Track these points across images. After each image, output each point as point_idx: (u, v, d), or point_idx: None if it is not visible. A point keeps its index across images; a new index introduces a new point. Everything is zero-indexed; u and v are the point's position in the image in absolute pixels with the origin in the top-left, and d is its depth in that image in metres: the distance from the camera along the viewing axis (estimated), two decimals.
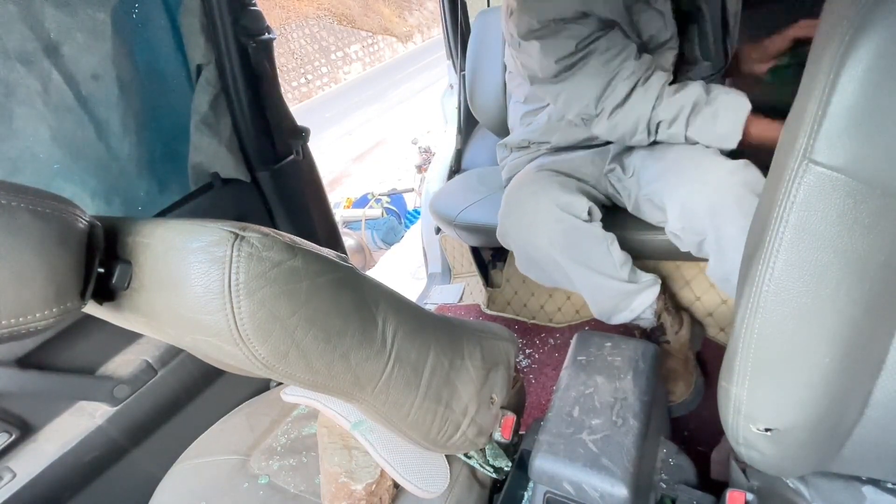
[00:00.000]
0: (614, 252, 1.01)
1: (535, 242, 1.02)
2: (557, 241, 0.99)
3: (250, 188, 1.11)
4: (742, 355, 0.43)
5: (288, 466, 0.75)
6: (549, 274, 1.10)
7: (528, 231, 1.02)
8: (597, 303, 1.08)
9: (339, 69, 3.68)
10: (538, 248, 1.02)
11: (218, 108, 1.01)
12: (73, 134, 0.87)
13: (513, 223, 1.06)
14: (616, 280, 1.03)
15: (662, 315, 1.10)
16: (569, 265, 1.01)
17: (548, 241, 0.99)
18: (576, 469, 0.61)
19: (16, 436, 0.79)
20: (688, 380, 1.09)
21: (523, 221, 1.03)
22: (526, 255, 1.08)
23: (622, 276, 1.03)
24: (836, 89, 0.32)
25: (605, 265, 1.01)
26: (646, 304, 1.05)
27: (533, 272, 1.13)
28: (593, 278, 1.02)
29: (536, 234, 1.01)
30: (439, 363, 0.59)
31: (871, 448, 0.46)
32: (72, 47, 0.83)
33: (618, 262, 1.02)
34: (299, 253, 0.44)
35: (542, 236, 1.00)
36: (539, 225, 1.00)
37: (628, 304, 1.06)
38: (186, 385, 0.97)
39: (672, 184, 0.94)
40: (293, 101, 7.84)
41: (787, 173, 0.36)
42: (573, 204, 0.98)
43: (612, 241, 1.01)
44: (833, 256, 0.36)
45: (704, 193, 0.88)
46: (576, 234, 0.98)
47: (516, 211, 1.04)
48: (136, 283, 0.43)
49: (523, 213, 1.03)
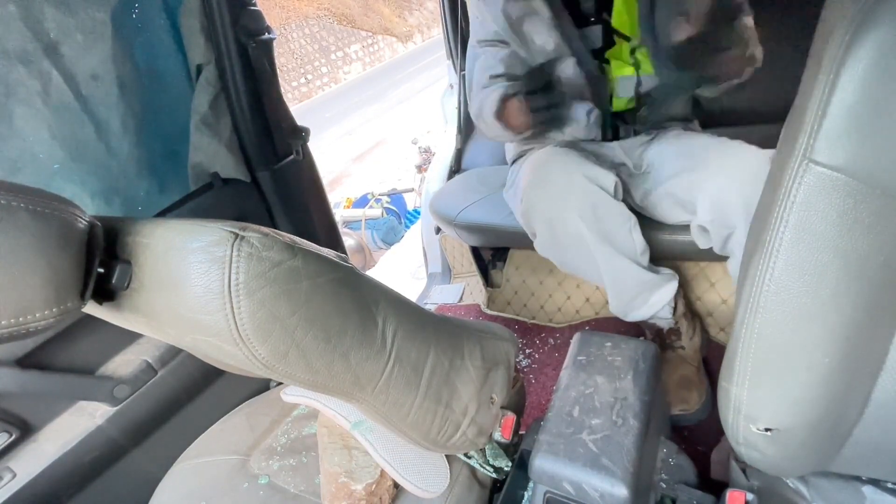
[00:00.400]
0: (636, 236, 0.99)
1: (564, 216, 0.98)
2: (587, 214, 0.96)
3: (250, 188, 1.11)
4: (742, 355, 0.43)
5: (288, 466, 0.75)
6: (570, 256, 1.06)
7: (558, 203, 0.98)
8: (617, 291, 1.05)
9: (339, 69, 3.69)
10: (566, 223, 0.99)
11: (218, 107, 1.01)
12: (72, 134, 0.87)
13: (540, 196, 1.01)
14: (638, 266, 1.01)
15: (681, 320, 1.09)
16: (595, 242, 0.98)
17: (578, 214, 0.96)
18: (576, 469, 0.61)
19: (16, 436, 0.79)
20: (700, 389, 1.07)
21: (552, 193, 0.99)
22: (551, 231, 1.03)
23: (643, 263, 1.01)
24: (837, 89, 0.32)
25: (628, 247, 1.00)
26: (664, 300, 1.04)
27: (554, 253, 1.08)
28: (617, 260, 1.00)
29: (566, 206, 0.97)
30: (439, 363, 0.59)
31: (871, 448, 0.46)
32: (71, 47, 0.83)
33: (639, 248, 1.00)
34: (299, 253, 0.44)
35: (571, 209, 0.96)
36: (569, 197, 0.96)
37: (647, 298, 1.04)
38: (186, 385, 0.97)
39: (702, 177, 0.93)
40: (293, 100, 7.84)
41: (787, 173, 0.36)
42: (601, 176, 0.96)
43: (635, 223, 0.99)
44: (833, 256, 0.36)
45: (737, 186, 0.87)
46: (604, 209, 0.96)
47: (544, 182, 1.00)
48: (135, 283, 0.43)
49: (553, 184, 0.99)
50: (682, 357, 1.10)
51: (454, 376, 0.61)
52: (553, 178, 0.99)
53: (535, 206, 1.03)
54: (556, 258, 1.10)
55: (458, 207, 1.42)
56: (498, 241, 1.45)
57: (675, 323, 1.09)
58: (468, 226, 1.38)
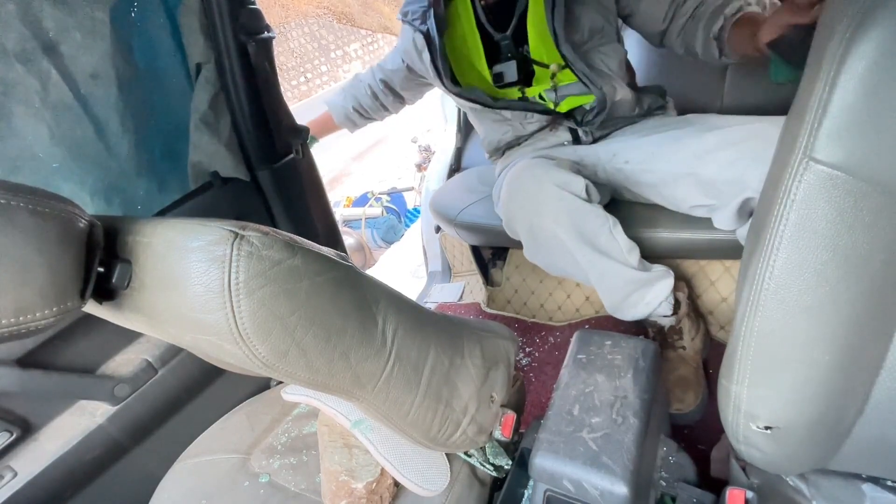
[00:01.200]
0: (618, 236, 1.01)
1: (541, 223, 1.02)
2: (562, 220, 0.99)
3: (250, 187, 1.10)
4: (742, 354, 0.43)
5: (288, 465, 0.75)
6: (556, 260, 1.09)
7: (533, 212, 1.03)
8: (608, 292, 1.06)
9: (339, 68, 3.66)
10: (544, 229, 1.03)
11: (217, 106, 1.01)
12: (72, 133, 0.86)
13: (517, 207, 1.06)
14: (625, 266, 1.01)
15: (683, 320, 1.09)
16: (575, 246, 1.01)
17: (553, 220, 1.00)
18: (576, 467, 0.61)
19: (17, 435, 0.79)
20: (697, 390, 1.07)
21: (527, 204, 1.03)
22: (533, 239, 1.08)
23: (631, 263, 1.02)
24: (837, 87, 0.32)
25: (612, 249, 1.01)
26: (660, 297, 1.04)
27: (541, 258, 1.12)
28: (601, 262, 1.01)
29: (541, 214, 1.01)
30: (439, 362, 0.59)
31: (870, 446, 0.46)
32: (70, 46, 0.82)
33: (624, 248, 1.01)
34: (299, 252, 0.44)
35: (546, 216, 1.01)
36: (543, 205, 1.00)
37: (642, 296, 1.04)
38: (187, 384, 0.97)
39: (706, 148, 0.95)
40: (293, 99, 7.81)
41: (786, 171, 0.36)
42: (570, 182, 0.99)
43: (615, 223, 1.01)
44: (833, 255, 0.36)
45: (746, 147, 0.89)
46: (578, 213, 0.99)
47: (519, 194, 1.05)
48: (136, 282, 0.43)
49: (526, 195, 1.03)
50: (681, 357, 1.10)
51: (454, 375, 0.61)
52: (525, 188, 1.04)
53: (514, 218, 1.09)
54: (544, 264, 1.14)
55: (458, 206, 1.42)
56: (498, 241, 1.45)
57: (678, 322, 1.09)
58: (468, 225, 1.38)
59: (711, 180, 0.94)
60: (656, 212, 1.11)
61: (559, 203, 0.99)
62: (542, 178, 1.01)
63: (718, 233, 1.03)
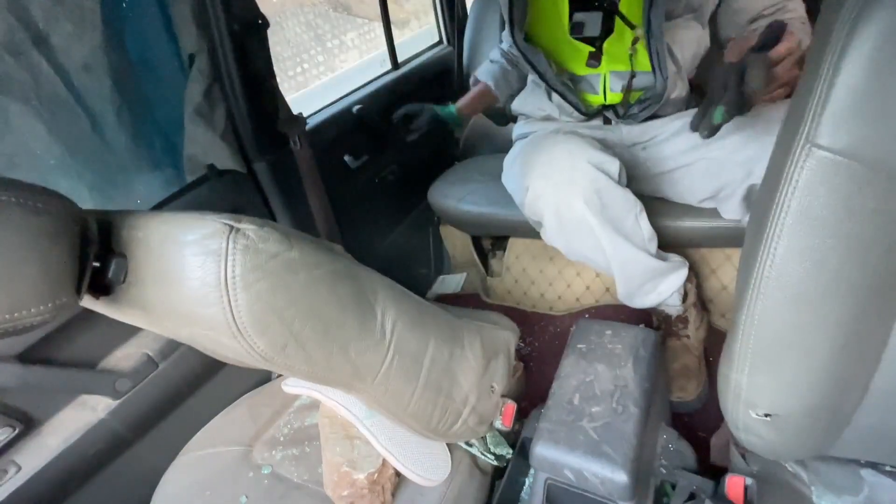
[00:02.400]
0: (643, 223, 0.99)
1: (571, 203, 0.96)
2: (594, 202, 0.94)
3: (247, 179, 1.10)
4: (742, 341, 0.43)
5: (291, 456, 0.76)
6: (577, 244, 1.04)
7: (565, 191, 0.96)
8: (625, 279, 1.04)
9: (336, 57, 3.65)
10: (573, 210, 0.96)
11: (212, 98, 1.00)
12: (68, 128, 0.85)
13: (546, 184, 0.99)
14: (645, 253, 1.00)
15: (690, 310, 1.09)
16: (602, 230, 0.97)
17: (584, 201, 0.94)
18: (576, 456, 0.61)
19: (19, 430, 0.79)
20: (699, 378, 1.07)
21: (558, 180, 0.97)
22: (558, 219, 1.01)
23: (651, 251, 1.01)
24: (841, 70, 0.31)
25: (636, 235, 0.99)
26: (673, 287, 1.04)
27: (562, 241, 1.06)
28: (624, 248, 0.99)
29: (573, 194, 0.95)
30: (439, 353, 0.59)
31: (870, 432, 0.46)
32: (61, 37, 0.81)
33: (646, 235, 1.00)
34: (296, 244, 0.44)
35: (578, 197, 0.94)
36: (576, 184, 0.94)
37: (656, 285, 1.04)
38: (188, 377, 0.97)
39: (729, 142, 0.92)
40: (289, 90, 7.75)
41: (789, 157, 0.35)
42: (605, 162, 0.94)
43: (641, 209, 0.98)
44: (835, 242, 0.35)
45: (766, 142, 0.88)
46: (609, 196, 0.95)
47: (549, 170, 0.98)
48: (132, 276, 0.43)
49: (558, 171, 0.96)
50: (685, 346, 1.10)
51: (454, 366, 0.61)
52: (558, 164, 0.97)
53: (541, 195, 1.01)
54: (564, 246, 1.08)
55: (457, 197, 1.41)
56: (498, 230, 1.44)
57: (685, 311, 1.08)
58: (467, 215, 1.38)
59: (719, 165, 0.93)
60: (659, 200, 1.11)
61: (592, 184, 0.93)
62: (577, 154, 0.95)
63: (720, 220, 1.03)
